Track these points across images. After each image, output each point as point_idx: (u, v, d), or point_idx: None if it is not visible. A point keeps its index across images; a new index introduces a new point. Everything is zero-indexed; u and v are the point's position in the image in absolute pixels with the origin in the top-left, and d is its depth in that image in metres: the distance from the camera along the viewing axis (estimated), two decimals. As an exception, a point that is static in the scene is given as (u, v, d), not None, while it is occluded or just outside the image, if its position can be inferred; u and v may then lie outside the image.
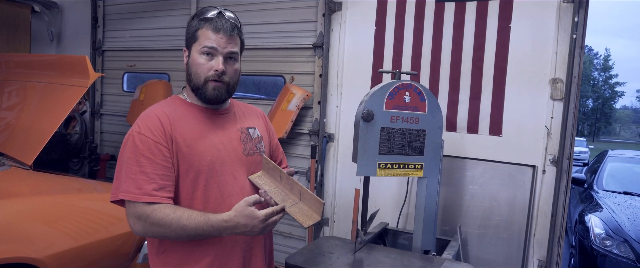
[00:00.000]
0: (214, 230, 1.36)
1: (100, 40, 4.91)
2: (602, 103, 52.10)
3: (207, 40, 1.45)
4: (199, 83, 1.47)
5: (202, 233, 1.36)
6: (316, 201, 1.43)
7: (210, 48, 1.45)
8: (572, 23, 2.70)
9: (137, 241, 2.63)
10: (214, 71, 1.45)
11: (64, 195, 2.69)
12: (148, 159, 1.37)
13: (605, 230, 4.00)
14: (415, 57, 3.19)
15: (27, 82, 3.55)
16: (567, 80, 2.74)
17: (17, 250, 2.08)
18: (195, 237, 1.38)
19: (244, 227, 1.36)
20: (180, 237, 1.37)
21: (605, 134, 58.72)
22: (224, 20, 1.47)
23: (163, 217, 1.34)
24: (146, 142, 1.38)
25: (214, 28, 1.45)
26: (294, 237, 3.74)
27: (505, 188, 2.93)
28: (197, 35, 1.47)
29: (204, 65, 1.46)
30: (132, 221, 1.38)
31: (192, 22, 1.50)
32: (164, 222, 1.34)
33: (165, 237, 1.39)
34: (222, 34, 1.45)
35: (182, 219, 1.34)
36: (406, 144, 2.31)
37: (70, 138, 4.54)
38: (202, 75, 1.46)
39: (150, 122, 1.42)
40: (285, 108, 3.48)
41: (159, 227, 1.35)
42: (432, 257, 2.31)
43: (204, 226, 1.35)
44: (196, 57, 1.46)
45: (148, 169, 1.36)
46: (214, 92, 1.48)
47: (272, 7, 3.78)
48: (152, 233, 1.39)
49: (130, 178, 1.36)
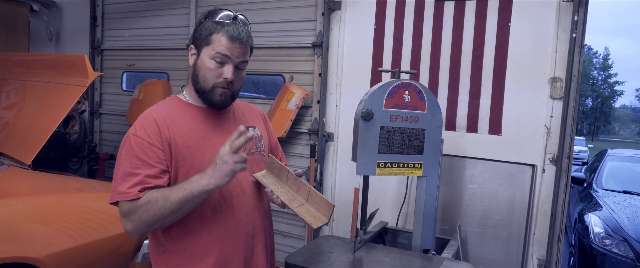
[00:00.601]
0: (192, 184, 1.33)
1: (99, 39, 4.90)
2: (602, 102, 52.15)
3: (221, 47, 1.42)
4: (206, 87, 1.46)
5: (183, 194, 1.32)
6: (325, 203, 1.42)
7: (223, 56, 1.43)
8: (572, 22, 2.70)
9: (136, 240, 2.63)
10: (223, 79, 1.45)
11: (63, 194, 2.69)
12: (142, 161, 1.37)
13: (605, 229, 4.00)
14: (415, 56, 3.19)
15: (26, 81, 3.54)
16: (567, 79, 2.74)
17: (16, 250, 2.08)
18: (180, 202, 1.32)
19: (215, 167, 1.32)
20: (167, 209, 1.32)
21: (604, 133, 58.79)
22: (240, 28, 1.45)
23: (148, 199, 1.33)
24: (141, 144, 1.38)
25: (231, 36, 1.43)
26: (294, 237, 3.74)
27: (504, 187, 2.93)
28: (211, 39, 1.43)
29: (214, 71, 1.44)
30: (123, 221, 1.38)
31: (206, 23, 1.46)
32: (149, 204, 1.32)
33: (153, 221, 1.34)
34: (238, 43, 1.44)
35: (165, 192, 1.33)
36: (406, 143, 2.31)
37: (69, 137, 4.54)
38: (211, 81, 1.45)
39: (146, 124, 1.41)
40: (284, 107, 3.48)
41: (145, 211, 1.32)
42: (431, 256, 2.31)
43: (184, 184, 1.33)
44: (206, 61, 1.44)
45: (141, 171, 1.36)
46: (221, 98, 1.48)
47: (272, 6, 3.77)
48: (143, 223, 1.34)
49: (123, 180, 1.36)
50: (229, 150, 1.31)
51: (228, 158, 1.31)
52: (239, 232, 1.51)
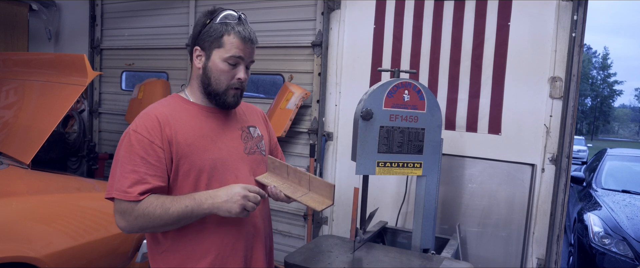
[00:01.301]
0: (195, 203, 1.35)
1: (99, 38, 4.90)
2: (601, 101, 52.19)
3: (235, 49, 1.44)
4: (220, 89, 1.47)
5: (185, 211, 1.34)
6: (326, 186, 1.46)
7: (238, 58, 1.45)
8: (571, 21, 2.70)
9: (135, 240, 2.63)
10: (237, 79, 1.47)
11: (62, 194, 2.68)
12: (142, 158, 1.36)
13: (604, 229, 4.00)
14: (415, 56, 3.18)
15: (25, 80, 3.54)
16: (566, 78, 2.74)
17: (16, 250, 2.08)
18: (180, 217, 1.35)
19: (224, 198, 1.35)
20: (163, 221, 1.34)
21: (603, 132, 58.85)
22: (249, 29, 1.47)
23: (146, 206, 1.33)
24: (142, 141, 1.37)
25: (242, 37, 1.44)
26: (293, 236, 3.74)
27: (504, 187, 2.93)
28: (222, 41, 1.43)
29: (228, 73, 1.46)
30: (117, 217, 1.38)
31: (214, 24, 1.45)
32: (147, 211, 1.33)
33: (146, 226, 1.36)
34: (250, 44, 1.46)
35: (165, 202, 1.34)
36: (405, 143, 2.31)
37: (68, 137, 4.54)
38: (224, 83, 1.47)
39: (148, 122, 1.41)
40: (284, 107, 3.48)
41: (143, 217, 1.33)
42: (431, 255, 2.31)
43: (187, 201, 1.35)
44: (219, 63, 1.45)
45: (141, 169, 1.36)
46: (234, 100, 1.50)
47: (271, 6, 3.77)
48: (137, 227, 1.36)
49: (123, 177, 1.35)
50: (246, 195, 1.35)
51: (241, 201, 1.34)
52: (240, 231, 1.51)
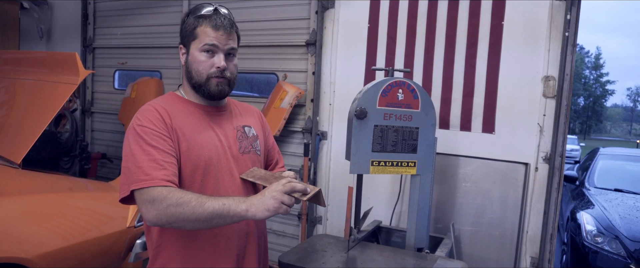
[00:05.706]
0: (232, 202, 1.29)
1: (91, 37, 4.86)
2: (593, 101, 52.60)
3: (207, 38, 1.45)
4: (201, 80, 1.48)
5: (222, 208, 1.28)
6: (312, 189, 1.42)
7: (211, 45, 1.46)
8: (565, 21, 2.71)
9: (128, 240, 2.60)
10: (216, 68, 1.47)
11: (54, 194, 2.65)
12: (154, 147, 1.35)
13: (597, 227, 4.03)
14: (409, 55, 3.18)
15: (16, 79, 3.50)
16: (560, 77, 2.75)
17: (6, 250, 2.05)
18: (214, 214, 1.28)
19: (259, 197, 1.30)
20: (196, 215, 1.27)
21: (596, 131, 59.34)
22: (222, 17, 1.48)
23: (181, 195, 1.28)
24: (149, 133, 1.37)
25: (214, 25, 1.46)
26: (287, 236, 3.73)
27: (498, 186, 2.93)
28: (196, 33, 1.47)
29: (206, 63, 1.47)
30: (144, 208, 1.31)
31: (189, 19, 1.51)
32: (182, 200, 1.27)
33: (179, 219, 1.28)
34: (222, 31, 1.46)
35: (201, 198, 1.29)
36: (399, 142, 2.30)
37: (60, 136, 4.49)
38: (204, 73, 1.47)
39: (150, 115, 1.41)
40: (278, 106, 3.47)
41: (175, 206, 1.27)
42: (425, 254, 2.31)
43: (223, 199, 1.30)
44: (196, 54, 1.47)
45: (157, 157, 1.34)
46: (218, 88, 1.49)
47: (265, 5, 3.76)
48: (167, 216, 1.28)
49: (139, 168, 1.32)
50: (283, 189, 1.30)
51: (279, 196, 1.28)
52: (233, 229, 1.50)
